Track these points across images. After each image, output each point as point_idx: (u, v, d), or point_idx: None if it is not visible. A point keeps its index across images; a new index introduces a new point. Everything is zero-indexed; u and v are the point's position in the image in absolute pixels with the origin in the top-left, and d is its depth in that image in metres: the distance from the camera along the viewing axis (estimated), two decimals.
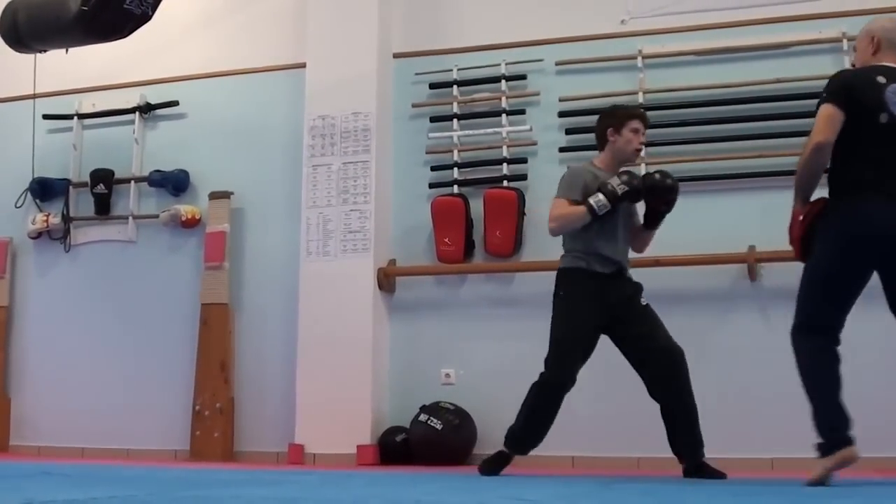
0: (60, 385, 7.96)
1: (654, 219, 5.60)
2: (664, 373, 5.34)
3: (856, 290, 4.61)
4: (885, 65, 4.69)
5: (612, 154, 5.59)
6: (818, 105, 4.59)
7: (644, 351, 5.40)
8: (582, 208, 5.37)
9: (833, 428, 4.48)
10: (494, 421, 6.91)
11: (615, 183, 5.34)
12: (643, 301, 5.50)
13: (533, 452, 5.58)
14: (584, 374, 5.47)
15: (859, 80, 4.64)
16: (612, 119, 5.62)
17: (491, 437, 6.90)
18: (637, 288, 5.54)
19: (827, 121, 4.50)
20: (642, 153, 5.92)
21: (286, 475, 5.53)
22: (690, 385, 5.33)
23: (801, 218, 4.72)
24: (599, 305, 5.38)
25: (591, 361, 5.26)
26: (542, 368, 5.44)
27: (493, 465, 5.49)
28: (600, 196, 5.33)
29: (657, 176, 5.54)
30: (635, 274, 6.41)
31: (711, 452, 5.15)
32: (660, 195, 5.51)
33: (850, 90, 4.56)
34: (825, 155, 4.53)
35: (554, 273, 6.89)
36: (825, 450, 4.47)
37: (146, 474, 5.42)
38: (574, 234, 5.51)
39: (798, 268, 6.49)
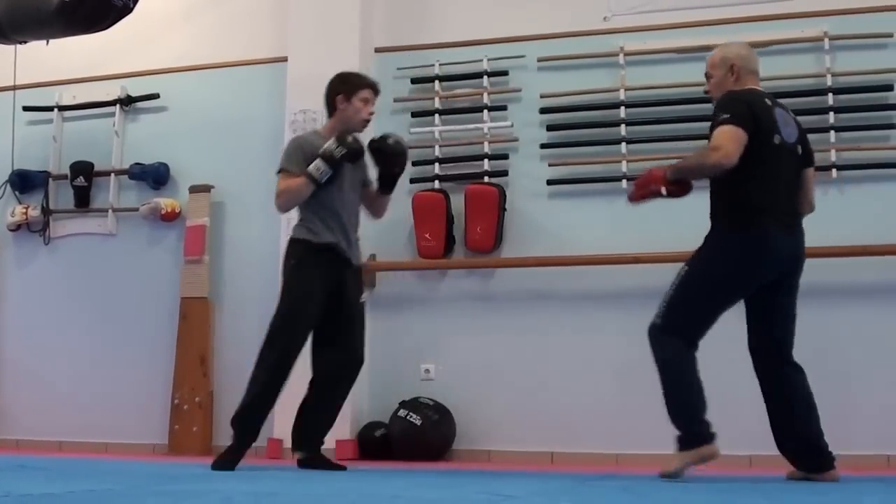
0: (39, 378, 7.94)
1: (390, 183, 5.61)
2: (337, 377, 5.48)
3: (727, 309, 4.74)
4: (760, 90, 4.86)
5: (339, 122, 5.49)
6: (717, 123, 4.64)
7: (334, 349, 5.44)
8: (303, 178, 5.31)
9: (698, 423, 4.61)
10: (474, 416, 6.94)
11: (332, 146, 5.28)
12: (363, 299, 5.58)
13: (514, 448, 5.60)
14: (563, 370, 5.48)
15: (755, 101, 4.73)
16: (343, 86, 5.54)
17: (470, 432, 6.93)
18: (357, 278, 5.58)
19: (735, 141, 4.57)
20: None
21: (264, 470, 5.53)
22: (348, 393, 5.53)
23: (661, 186, 4.84)
24: (326, 277, 5.38)
25: (572, 359, 5.26)
26: (522, 363, 5.45)
27: (229, 460, 5.30)
28: (319, 162, 5.27)
29: (387, 140, 5.53)
30: (615, 272, 6.45)
31: None
32: (389, 159, 5.52)
33: (752, 112, 4.65)
34: (722, 172, 4.62)
35: (534, 269, 6.95)
36: (686, 444, 4.59)
37: (124, 468, 5.40)
38: (302, 206, 5.47)
39: None
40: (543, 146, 7.15)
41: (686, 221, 6.80)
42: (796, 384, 4.77)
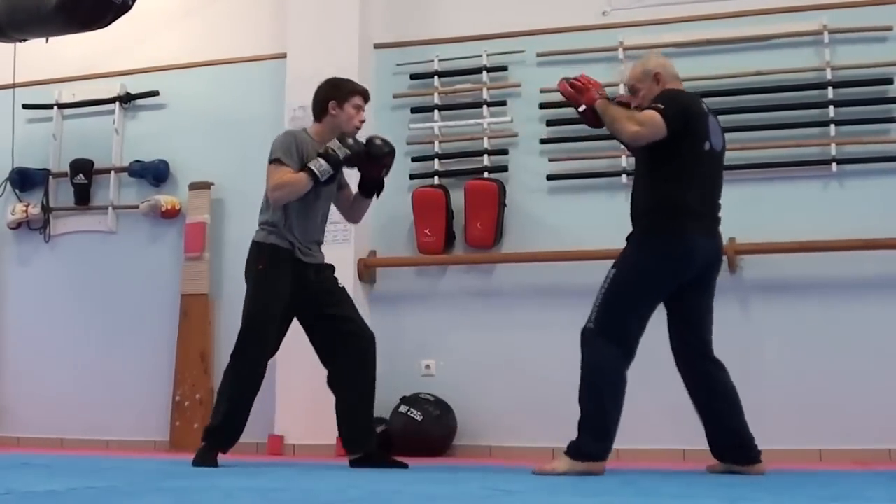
0: (40, 375, 7.94)
1: (374, 187, 5.54)
2: (358, 365, 5.38)
3: (654, 309, 4.85)
4: (696, 95, 5.03)
5: (331, 128, 5.40)
6: (651, 107, 4.75)
7: (343, 341, 5.39)
8: (304, 175, 5.21)
9: (603, 439, 4.71)
10: (475, 412, 6.95)
11: (336, 146, 5.21)
12: (340, 284, 5.49)
13: (515, 444, 5.59)
14: (563, 366, 5.47)
15: (693, 105, 4.85)
16: (335, 91, 5.46)
17: (471, 428, 6.93)
18: (331, 269, 5.49)
19: (655, 131, 4.68)
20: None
21: (265, 466, 5.53)
22: (375, 374, 5.40)
23: (583, 107, 4.97)
24: (295, 292, 5.31)
25: (573, 354, 5.22)
26: (523, 358, 5.44)
27: (204, 462, 5.23)
28: (321, 161, 5.19)
29: (374, 142, 5.44)
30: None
31: (688, 444, 5.15)
32: (380, 161, 5.44)
33: (687, 117, 4.75)
34: (637, 143, 4.81)
35: (534, 265, 6.95)
36: (580, 454, 4.65)
37: (126, 465, 5.41)
38: (270, 208, 5.35)
39: (780, 262, 6.56)
40: (543, 141, 7.15)
41: None
42: (719, 379, 4.86)
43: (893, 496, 3.56)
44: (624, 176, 6.89)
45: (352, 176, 5.57)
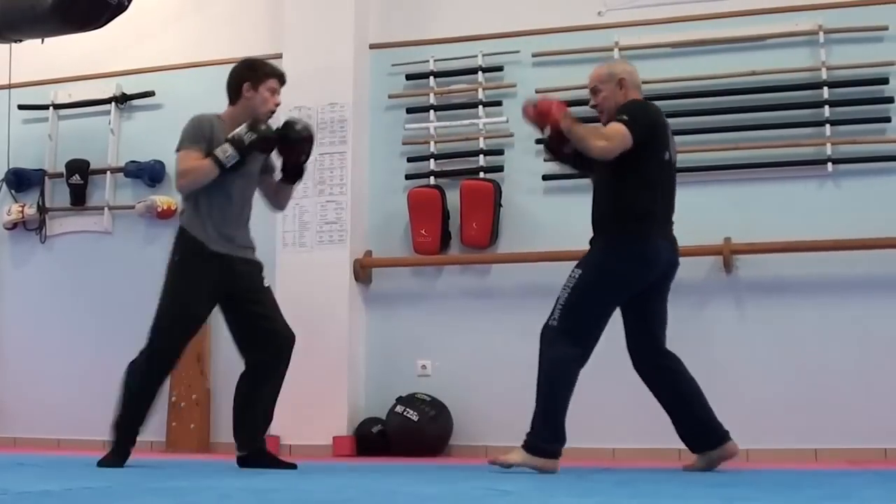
0: (36, 376, 7.94)
1: (296, 172, 5.38)
2: (274, 364, 5.26)
3: (613, 312, 4.99)
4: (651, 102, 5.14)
5: (243, 110, 5.23)
6: (617, 119, 4.82)
7: (262, 339, 5.25)
8: (208, 161, 5.05)
9: (557, 439, 4.85)
10: (471, 412, 6.95)
11: (242, 132, 5.05)
12: (265, 283, 5.36)
13: (511, 444, 5.56)
14: None
15: (659, 117, 4.98)
16: (250, 73, 5.30)
17: (467, 428, 6.93)
18: (257, 267, 5.34)
19: (623, 143, 4.76)
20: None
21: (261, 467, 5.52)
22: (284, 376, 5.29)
23: (550, 129, 5.00)
24: (214, 286, 5.17)
25: None
26: (519, 358, 5.43)
27: (117, 458, 5.26)
28: (227, 147, 5.01)
29: (295, 127, 5.30)
30: None
31: (684, 444, 5.15)
32: (296, 147, 5.29)
33: (653, 127, 4.89)
34: (607, 158, 4.82)
35: (531, 265, 6.95)
36: (537, 451, 4.77)
37: None
38: (191, 196, 5.18)
39: (775, 261, 6.56)
40: (539, 141, 7.13)
41: (681, 215, 6.81)
42: (676, 371, 5.02)
43: (889, 496, 3.56)
44: None
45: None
